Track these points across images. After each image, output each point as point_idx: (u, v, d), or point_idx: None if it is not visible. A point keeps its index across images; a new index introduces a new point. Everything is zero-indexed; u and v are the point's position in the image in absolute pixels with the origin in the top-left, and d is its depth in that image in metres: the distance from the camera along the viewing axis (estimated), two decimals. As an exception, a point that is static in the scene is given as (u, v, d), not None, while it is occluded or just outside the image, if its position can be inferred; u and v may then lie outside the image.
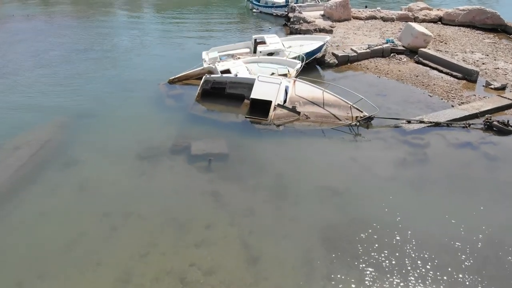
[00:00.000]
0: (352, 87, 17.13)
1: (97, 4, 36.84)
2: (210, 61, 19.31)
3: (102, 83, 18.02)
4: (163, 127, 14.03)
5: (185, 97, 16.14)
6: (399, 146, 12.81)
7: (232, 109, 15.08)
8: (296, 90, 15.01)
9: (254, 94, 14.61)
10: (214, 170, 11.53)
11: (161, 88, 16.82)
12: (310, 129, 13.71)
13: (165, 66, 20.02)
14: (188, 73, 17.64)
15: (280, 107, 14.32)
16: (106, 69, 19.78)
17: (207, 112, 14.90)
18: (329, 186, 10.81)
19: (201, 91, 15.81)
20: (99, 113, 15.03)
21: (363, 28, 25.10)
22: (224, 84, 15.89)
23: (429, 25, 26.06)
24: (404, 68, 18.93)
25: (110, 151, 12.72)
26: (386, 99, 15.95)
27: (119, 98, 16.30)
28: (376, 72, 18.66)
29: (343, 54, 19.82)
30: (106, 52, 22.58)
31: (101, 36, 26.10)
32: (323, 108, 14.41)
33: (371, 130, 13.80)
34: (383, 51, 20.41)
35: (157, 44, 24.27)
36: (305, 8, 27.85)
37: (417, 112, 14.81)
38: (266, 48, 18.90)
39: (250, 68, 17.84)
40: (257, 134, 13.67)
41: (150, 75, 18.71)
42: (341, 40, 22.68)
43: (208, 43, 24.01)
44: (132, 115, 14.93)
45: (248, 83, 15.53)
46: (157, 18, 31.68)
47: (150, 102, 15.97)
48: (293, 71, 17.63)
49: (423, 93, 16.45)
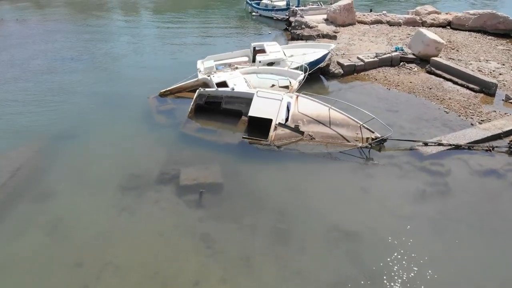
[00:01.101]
0: (360, 101, 15.57)
1: (90, 8, 35.24)
2: (206, 71, 17.72)
3: (86, 97, 16.37)
4: (150, 149, 12.44)
5: (177, 113, 14.53)
6: (417, 174, 11.21)
7: (228, 127, 13.47)
8: (299, 106, 13.41)
9: (252, 111, 13.01)
10: (206, 205, 9.94)
11: (151, 102, 15.20)
12: (315, 152, 12.11)
13: (157, 76, 18.43)
14: (181, 85, 16.02)
15: (282, 127, 12.72)
16: (92, 81, 18.09)
17: (200, 130, 13.28)
18: (338, 227, 9.21)
19: (194, 106, 14.21)
20: (80, 134, 13.41)
21: (369, 33, 23.47)
22: (219, 98, 14.30)
23: (438, 30, 24.50)
24: (416, 79, 17.32)
25: (90, 180, 11.14)
26: (398, 116, 14.35)
27: (104, 115, 14.68)
28: (386, 84, 17.05)
29: (349, 64, 18.21)
30: (95, 61, 20.92)
31: (91, 42, 24.45)
32: (330, 127, 12.80)
33: (384, 153, 12.21)
34: (392, 60, 18.79)
35: (150, 52, 22.62)
36: (307, 12, 26.21)
37: (433, 132, 13.21)
38: (266, 58, 17.28)
39: (249, 80, 16.23)
40: (256, 158, 12.08)
41: (140, 87, 17.11)
42: (346, 47, 21.05)
43: (204, 49, 22.38)
44: (117, 135, 13.34)
45: (246, 98, 13.94)
46: (152, 23, 29.98)
47: (138, 119, 14.36)
48: (295, 83, 16.03)
49: (439, 108, 14.83)
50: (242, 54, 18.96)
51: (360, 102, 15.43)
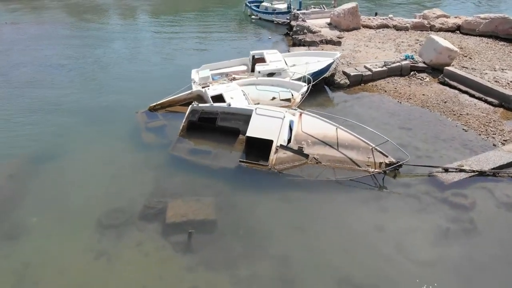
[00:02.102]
0: (369, 116, 14.15)
1: (85, 11, 33.62)
2: (201, 81, 16.30)
3: (71, 112, 14.83)
4: (135, 176, 11.01)
5: (168, 130, 13.06)
6: (437, 207, 9.77)
7: (223, 147, 12.02)
8: (303, 125, 11.95)
9: (251, 131, 11.56)
10: (196, 248, 8.49)
11: (139, 118, 13.72)
12: (322, 179, 10.64)
13: (148, 87, 16.96)
14: (173, 99, 14.54)
15: (284, 149, 11.26)
16: (78, 94, 16.50)
17: (192, 152, 11.81)
18: (350, 278, 7.79)
19: (187, 123, 12.76)
20: (60, 155, 11.95)
21: (375, 38, 21.99)
22: (214, 114, 12.85)
23: (447, 35, 23.04)
24: (429, 91, 15.85)
25: (66, 214, 9.68)
26: (413, 135, 12.90)
27: (88, 133, 13.20)
28: (396, 96, 15.59)
29: (356, 73, 16.75)
30: (83, 70, 19.30)
31: (82, 48, 22.87)
32: (338, 150, 11.35)
33: (399, 180, 10.77)
34: (402, 69, 17.33)
35: (142, 59, 21.00)
36: (309, 15, 24.70)
37: (452, 155, 11.78)
38: (265, 68, 15.80)
39: (247, 92, 14.77)
40: (255, 186, 10.63)
41: (129, 99, 15.64)
42: (352, 54, 19.58)
43: (200, 56, 20.91)
44: (100, 157, 11.89)
45: (243, 115, 12.48)
46: (147, 27, 28.28)
47: (124, 138, 12.90)
48: (298, 96, 14.58)
49: (456, 125, 13.39)
50: (240, 63, 17.49)
51: (369, 117, 14.02)
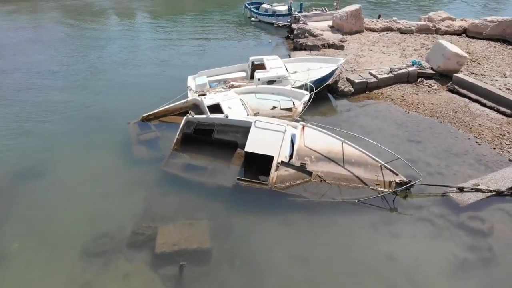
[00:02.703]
0: (375, 127, 13.25)
1: (81, 13, 32.60)
2: (198, 88, 15.39)
3: (59, 123, 13.88)
4: (125, 195, 10.11)
5: (161, 143, 12.15)
6: (453, 233, 8.87)
7: (220, 162, 11.12)
8: (306, 140, 11.05)
9: (249, 146, 10.64)
10: (188, 283, 7.59)
11: (131, 130, 12.79)
12: (327, 200, 9.73)
13: (142, 94, 16.06)
14: (167, 108, 13.61)
15: (285, 166, 10.35)
16: (69, 102, 15.49)
17: (186, 168, 10.90)
18: (362, 320, 6.93)
19: (181, 136, 11.87)
20: (46, 172, 11.03)
21: (379, 42, 21.09)
22: (211, 126, 11.95)
23: (454, 38, 22.16)
24: (437, 99, 14.95)
25: (50, 240, 8.80)
26: (422, 148, 12.01)
27: (76, 147, 12.28)
28: (404, 105, 14.68)
29: (361, 80, 15.84)
30: (75, 77, 18.24)
31: (75, 53, 21.90)
32: (343, 167, 10.45)
33: (411, 201, 9.88)
34: (409, 76, 16.42)
35: (137, 64, 19.98)
36: (311, 18, 23.77)
37: (466, 171, 10.89)
38: (266, 75, 14.90)
39: (246, 101, 13.90)
40: (254, 208, 9.73)
41: (122, 108, 14.72)
42: (355, 59, 18.68)
43: (197, 61, 20.00)
44: (88, 174, 10.97)
45: (242, 127, 11.60)
46: (144, 30, 27.16)
47: (114, 151, 12.00)
48: (299, 105, 13.70)
49: (468, 138, 12.49)
50: (239, 69, 16.58)
51: (375, 129, 13.13)
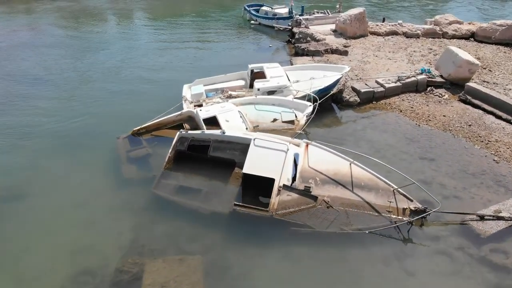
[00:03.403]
0: (384, 142, 12.21)
1: (73, 16, 31.34)
2: (193, 98, 14.37)
3: (43, 138, 12.75)
4: (111, 223, 9.06)
5: (152, 161, 11.12)
6: (474, 269, 7.82)
7: (216, 184, 10.06)
8: (310, 159, 9.99)
9: (248, 166, 9.56)
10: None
11: (120, 145, 11.73)
12: (334, 230, 8.68)
13: (134, 105, 14.98)
14: (160, 121, 12.55)
15: (287, 190, 9.30)
16: (54, 114, 14.37)
17: (179, 191, 9.83)
18: None
19: (173, 154, 10.81)
20: (23, 196, 9.92)
21: (385, 47, 20.04)
22: (206, 142, 10.90)
23: (461, 43, 21.16)
24: (450, 110, 13.90)
25: (22, 277, 7.78)
26: (436, 167, 10.96)
27: (60, 165, 11.21)
28: (414, 117, 13.62)
29: (367, 90, 14.78)
30: (64, 85, 16.94)
31: (65, 59, 20.62)
32: (352, 191, 9.39)
33: (426, 230, 8.83)
34: (418, 85, 15.37)
35: (130, 71, 18.78)
36: (313, 21, 22.69)
37: (485, 195, 9.84)
38: (266, 85, 13.85)
39: (245, 113, 12.87)
40: (252, 238, 8.69)
41: (112, 120, 13.70)
42: (360, 65, 17.62)
43: (193, 67, 18.92)
44: (71, 197, 9.90)
45: (240, 144, 10.55)
46: (139, 34, 25.78)
47: (101, 170, 10.96)
48: (302, 117, 12.67)
49: (485, 155, 11.44)
50: (238, 77, 15.52)
51: (384, 144, 12.09)
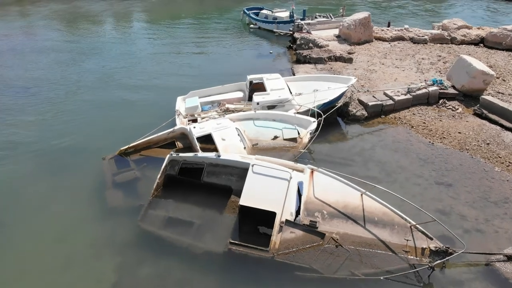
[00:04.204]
0: (396, 164, 11.04)
1: (66, 19, 30.17)
2: (188, 112, 13.21)
3: (22, 157, 11.58)
4: (91, 264, 7.90)
5: (140, 186, 9.94)
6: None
7: (210, 215, 8.89)
8: (316, 189, 8.80)
9: (246, 197, 8.36)
10: None
11: (106, 167, 10.56)
12: (344, 273, 7.53)
13: (123, 119, 13.80)
14: (150, 139, 11.35)
15: (290, 226, 8.12)
16: (37, 129, 13.20)
17: (168, 224, 8.65)
18: None
19: (163, 179, 9.64)
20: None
21: (391, 54, 18.84)
22: (199, 165, 9.74)
23: (471, 49, 20.00)
24: (465, 126, 12.71)
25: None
26: (454, 194, 9.79)
27: (39, 191, 10.04)
28: (426, 134, 12.44)
29: (375, 103, 13.59)
30: (50, 96, 15.81)
31: (55, 65, 19.43)
32: (364, 227, 8.22)
33: (448, 273, 7.67)
34: (429, 97, 14.19)
35: (121, 81, 17.50)
36: (315, 26, 21.49)
37: (509, 227, 8.70)
38: (266, 99, 12.66)
39: (243, 129, 11.71)
40: (251, 284, 7.54)
41: (98, 138, 12.53)
42: (366, 74, 16.43)
43: (188, 77, 17.73)
44: (49, 231, 8.77)
45: (237, 168, 9.43)
46: (134, 40, 24.42)
47: (85, 197, 9.79)
48: (305, 134, 11.52)
49: (507, 180, 10.25)
50: (236, 89, 14.35)
51: (395, 166, 10.92)
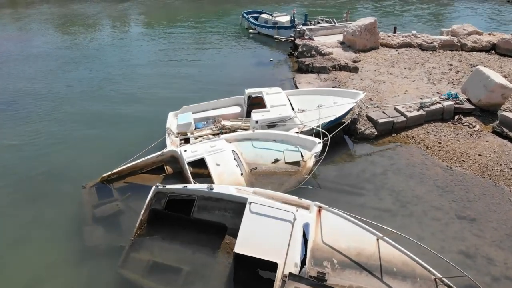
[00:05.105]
0: (411, 193, 9.73)
1: (59, 23, 28.83)
2: (180, 129, 11.91)
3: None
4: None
5: (123, 221, 8.65)
6: None
7: (200, 260, 7.56)
8: (325, 232, 7.45)
9: (241, 244, 6.97)
10: None
11: (85, 198, 9.23)
12: None
13: (109, 138, 12.47)
14: (135, 164, 10.02)
15: (295, 281, 6.77)
16: (10, 152, 11.87)
17: (151, 271, 7.38)
18: None
19: (147, 215, 8.31)
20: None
21: (399, 62, 17.51)
22: (190, 197, 8.41)
23: (482, 56, 18.74)
24: (485, 147, 11.39)
25: None
26: (479, 231, 8.48)
27: (13, 225, 8.80)
28: (443, 156, 11.10)
29: (385, 120, 12.27)
30: (31, 111, 14.41)
31: (42, 75, 18.05)
32: (381, 280, 6.91)
33: None
34: (444, 112, 12.88)
35: (109, 93, 16.02)
36: (318, 31, 20.12)
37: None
38: (265, 117, 11.33)
39: (240, 151, 10.39)
40: None
41: (81, 161, 11.23)
42: (373, 86, 15.09)
43: (182, 89, 16.32)
44: (17, 276, 7.53)
45: (233, 202, 8.11)
46: (129, 47, 22.87)
47: (61, 233, 8.56)
48: (309, 157, 10.20)
49: (539, 213, 9.01)
50: (233, 103, 13.00)
51: (411, 196, 9.62)
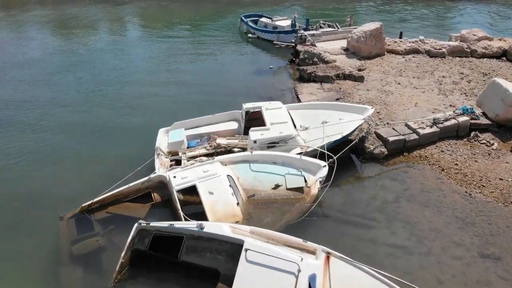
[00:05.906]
0: (427, 225, 8.70)
1: (53, 26, 27.78)
2: (171, 148, 10.81)
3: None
4: None
5: (104, 260, 7.55)
6: None
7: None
8: (334, 284, 6.38)
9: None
10: None
11: (63, 231, 8.10)
12: None
13: (94, 160, 11.30)
14: (119, 191, 8.83)
15: None
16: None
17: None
18: None
19: (130, 255, 7.23)
20: None
21: (407, 70, 16.37)
22: (177, 236, 7.31)
23: (493, 63, 17.65)
24: (505, 169, 10.22)
25: None
26: (505, 272, 7.38)
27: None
28: (461, 180, 9.95)
29: (396, 138, 11.12)
30: (9, 128, 13.32)
31: (26, 87, 16.75)
32: None
33: None
34: (459, 128, 11.76)
35: (96, 107, 14.78)
36: (320, 37, 18.93)
37: None
38: (265, 136, 10.19)
39: (237, 175, 9.28)
40: None
41: (62, 185, 10.13)
42: (381, 97, 13.94)
43: (175, 101, 15.12)
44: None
45: (226, 242, 7.01)
46: (123, 51, 21.67)
47: (34, 275, 7.51)
48: (314, 182, 9.08)
49: None
50: (229, 118, 11.86)
51: (428, 229, 8.52)
